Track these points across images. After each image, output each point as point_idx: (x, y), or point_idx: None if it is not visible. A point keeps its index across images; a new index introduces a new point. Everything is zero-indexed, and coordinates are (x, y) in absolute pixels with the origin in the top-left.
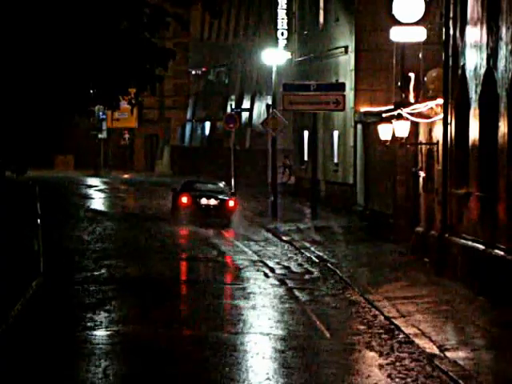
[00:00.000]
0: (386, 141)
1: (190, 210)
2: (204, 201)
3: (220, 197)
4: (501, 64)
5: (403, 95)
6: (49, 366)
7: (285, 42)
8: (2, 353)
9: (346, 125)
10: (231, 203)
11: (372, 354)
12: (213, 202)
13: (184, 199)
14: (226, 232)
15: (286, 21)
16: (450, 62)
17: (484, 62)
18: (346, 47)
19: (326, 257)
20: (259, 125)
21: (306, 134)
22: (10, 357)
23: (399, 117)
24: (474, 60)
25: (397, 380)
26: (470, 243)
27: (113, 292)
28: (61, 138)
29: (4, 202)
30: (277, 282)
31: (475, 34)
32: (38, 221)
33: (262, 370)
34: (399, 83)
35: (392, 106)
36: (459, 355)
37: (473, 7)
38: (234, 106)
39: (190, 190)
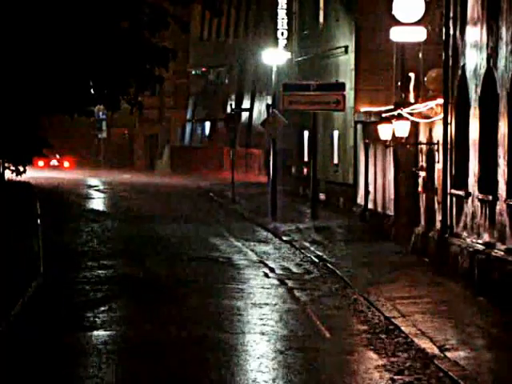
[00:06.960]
0: (386, 141)
1: (45, 167)
2: (52, 163)
3: (59, 159)
4: (501, 64)
5: (403, 95)
6: (48, 366)
7: (285, 41)
8: (1, 353)
9: (346, 125)
10: (66, 164)
11: (372, 354)
12: (56, 163)
13: (40, 162)
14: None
15: (286, 21)
16: (450, 62)
17: (484, 62)
18: (346, 47)
19: (325, 257)
20: (259, 125)
21: (306, 133)
22: (10, 357)
23: (399, 117)
24: (474, 60)
25: (396, 380)
26: (469, 243)
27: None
28: (62, 137)
29: (4, 202)
30: (277, 282)
31: (475, 34)
32: (38, 221)
33: (262, 370)
34: (399, 83)
35: (392, 106)
36: (459, 355)
37: (473, 7)
38: (234, 106)
39: (45, 157)
